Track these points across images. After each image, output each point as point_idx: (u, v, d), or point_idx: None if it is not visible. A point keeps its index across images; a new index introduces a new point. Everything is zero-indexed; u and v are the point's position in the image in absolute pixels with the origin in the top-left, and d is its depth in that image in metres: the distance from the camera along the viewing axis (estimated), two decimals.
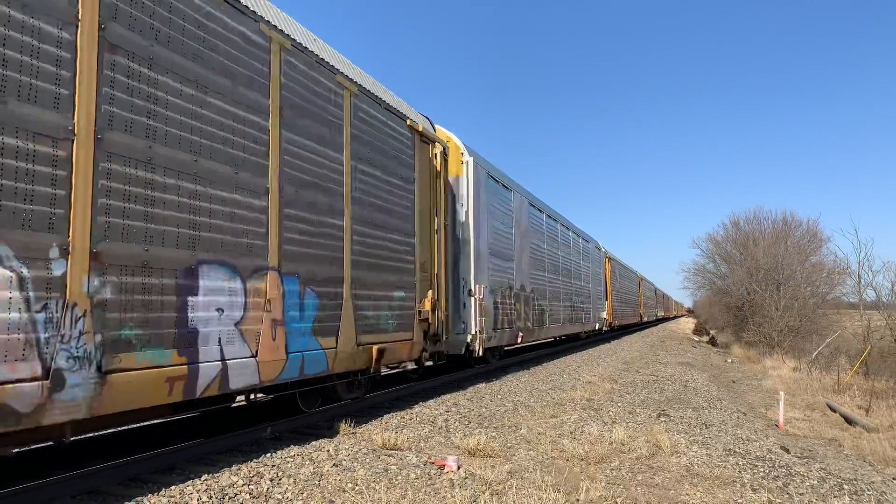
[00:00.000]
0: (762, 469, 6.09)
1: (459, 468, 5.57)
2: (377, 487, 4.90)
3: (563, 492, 4.92)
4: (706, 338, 45.06)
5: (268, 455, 5.71)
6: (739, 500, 5.04)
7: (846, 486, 5.86)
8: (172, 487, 4.66)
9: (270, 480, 4.95)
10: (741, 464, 6.24)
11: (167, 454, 5.33)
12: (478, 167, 12.17)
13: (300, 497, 4.65)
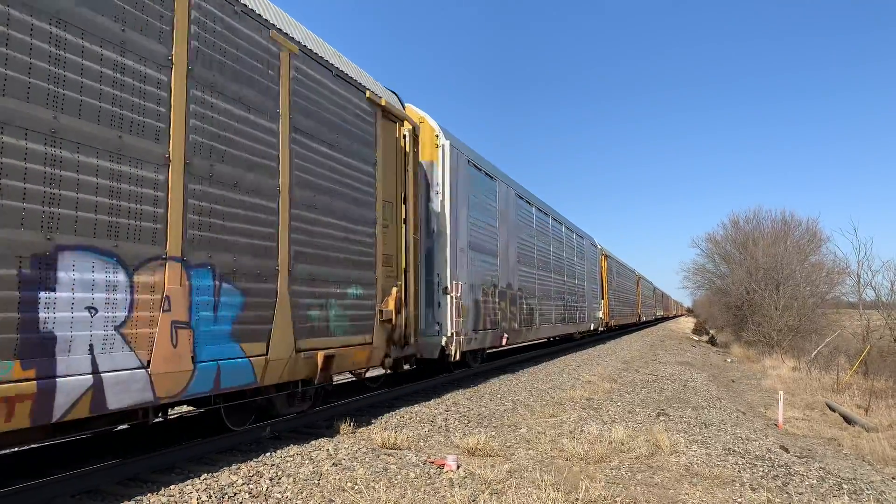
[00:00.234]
0: (761, 468, 6.09)
1: (459, 467, 5.58)
2: (377, 487, 4.90)
3: (563, 491, 4.92)
4: (705, 337, 45.10)
5: (267, 454, 5.71)
6: (739, 500, 5.04)
7: (845, 486, 5.87)
8: (172, 487, 4.66)
9: (270, 480, 4.96)
10: (740, 463, 6.24)
11: (166, 454, 5.33)
12: (455, 152, 11.01)
13: (300, 496, 4.65)
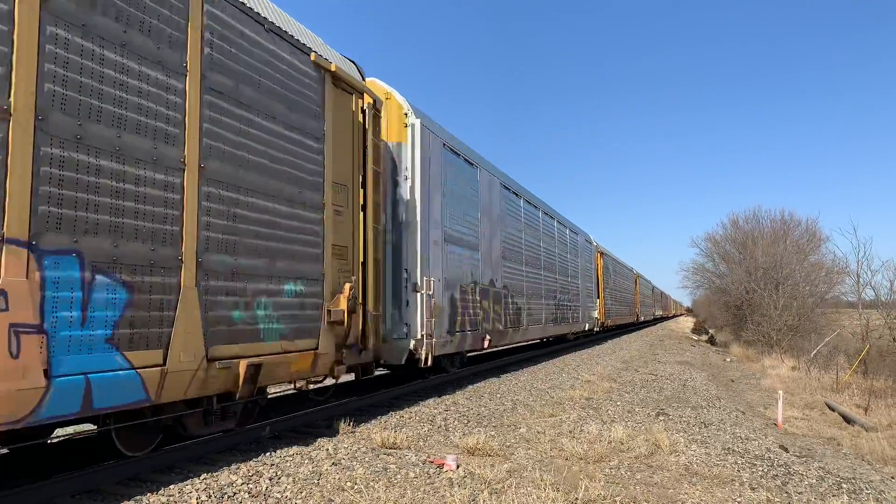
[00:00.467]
0: (761, 468, 6.10)
1: (458, 467, 5.58)
2: (376, 486, 4.91)
3: (563, 491, 4.92)
4: (705, 337, 45.13)
5: (267, 454, 5.71)
6: (738, 499, 5.05)
7: (845, 485, 5.88)
8: (171, 486, 4.66)
9: (269, 479, 4.96)
10: (740, 463, 6.25)
11: (166, 453, 5.33)
12: (427, 132, 9.88)
13: (299, 496, 4.65)
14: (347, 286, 7.17)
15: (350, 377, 8.59)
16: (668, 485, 5.39)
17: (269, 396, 7.53)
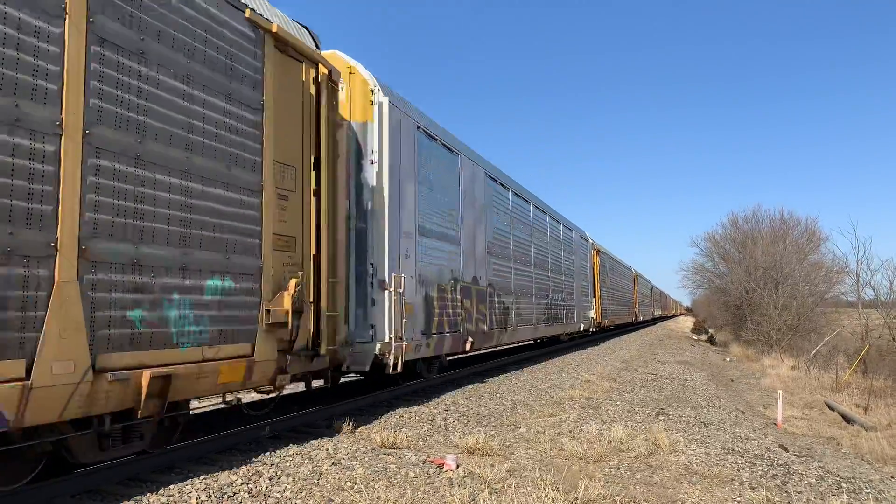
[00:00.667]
0: (761, 467, 6.10)
1: (458, 467, 5.58)
2: (376, 486, 4.91)
3: (562, 490, 4.92)
4: (705, 336, 45.17)
5: (266, 454, 5.71)
6: (738, 499, 5.05)
7: (844, 485, 5.88)
8: (171, 486, 4.66)
9: (269, 479, 4.96)
10: (740, 462, 6.25)
11: (166, 453, 5.33)
12: (397, 112, 8.81)
13: (299, 496, 4.65)
14: (293, 282, 6.16)
15: (318, 382, 7.73)
16: (668, 484, 5.39)
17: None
